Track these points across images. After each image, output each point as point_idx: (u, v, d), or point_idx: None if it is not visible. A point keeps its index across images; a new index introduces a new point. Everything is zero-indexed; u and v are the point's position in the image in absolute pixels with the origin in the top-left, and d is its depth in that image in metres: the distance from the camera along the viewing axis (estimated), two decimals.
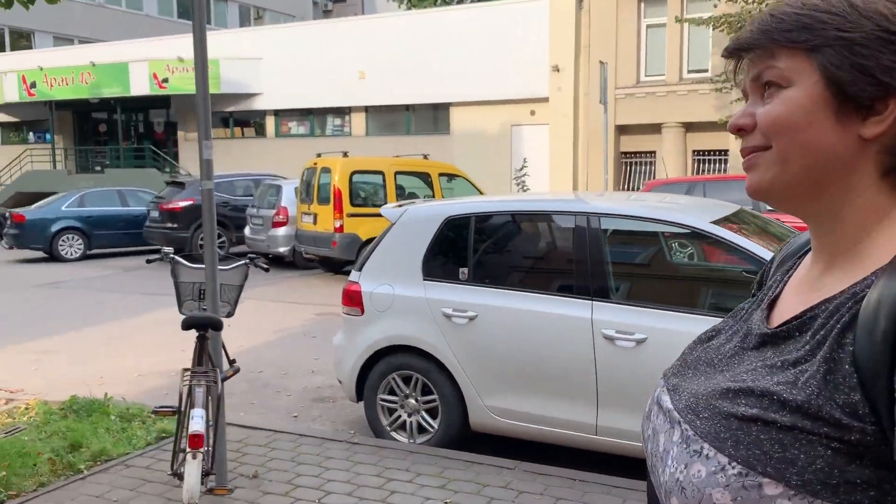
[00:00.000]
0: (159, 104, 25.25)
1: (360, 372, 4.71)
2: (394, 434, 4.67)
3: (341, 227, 11.40)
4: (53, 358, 7.42)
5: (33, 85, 24.86)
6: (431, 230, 4.60)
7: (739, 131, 0.83)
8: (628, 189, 19.21)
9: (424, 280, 4.54)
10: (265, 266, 4.74)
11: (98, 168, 26.36)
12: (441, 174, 12.32)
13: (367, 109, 22.08)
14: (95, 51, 24.83)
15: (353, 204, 11.53)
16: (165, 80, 22.88)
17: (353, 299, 4.79)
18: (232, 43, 23.43)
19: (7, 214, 15.62)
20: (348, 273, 12.31)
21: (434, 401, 4.51)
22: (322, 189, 11.80)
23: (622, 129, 18.49)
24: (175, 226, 14.38)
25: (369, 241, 11.50)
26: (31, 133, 28.65)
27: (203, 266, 4.32)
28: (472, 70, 19.83)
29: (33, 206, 16.04)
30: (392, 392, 4.68)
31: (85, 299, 10.84)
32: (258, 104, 23.27)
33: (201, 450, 2.71)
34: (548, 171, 19.13)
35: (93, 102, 25.04)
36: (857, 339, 0.70)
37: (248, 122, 24.27)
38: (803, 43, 0.77)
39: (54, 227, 15.29)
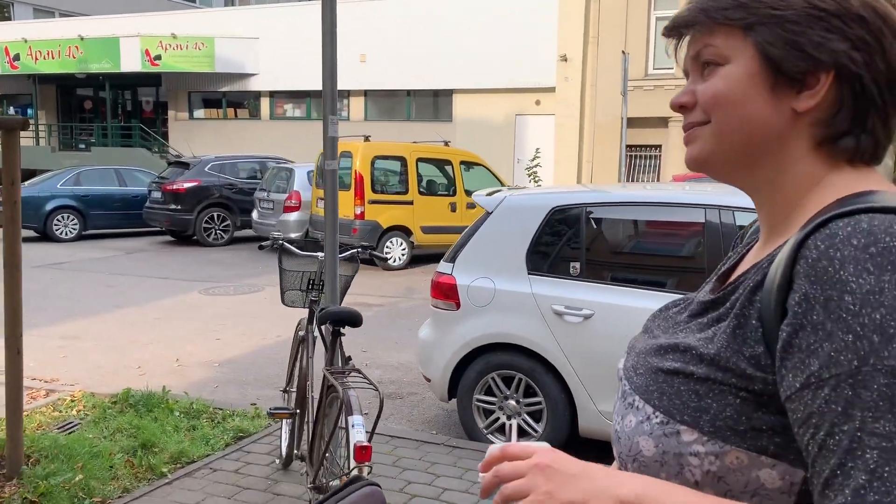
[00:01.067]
0: (148, 82, 24.51)
1: (454, 370, 4.41)
2: (491, 437, 4.38)
3: (362, 213, 11.03)
4: (80, 345, 6.99)
5: (16, 57, 23.95)
6: (536, 221, 4.29)
7: (681, 108, 0.86)
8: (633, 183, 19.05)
9: (530, 274, 4.24)
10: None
11: (83, 146, 25.55)
12: (462, 162, 12.00)
13: (366, 94, 21.62)
14: (84, 24, 23.98)
15: (374, 190, 11.16)
16: (158, 58, 22.18)
17: (446, 293, 4.47)
18: (227, 21, 22.83)
19: None
20: (363, 261, 12.05)
21: (538, 403, 4.23)
22: (342, 174, 11.40)
23: (629, 122, 18.29)
24: (179, 207, 13.86)
25: (391, 228, 11.21)
26: (10, 107, 27.68)
27: (312, 254, 3.98)
28: (477, 57, 19.49)
29: (26, 183, 15.36)
30: (490, 392, 4.38)
31: (93, 282, 10.35)
32: (253, 85, 22.67)
33: (368, 463, 2.40)
34: (552, 163, 18.89)
35: (79, 78, 24.23)
36: (762, 296, 0.75)
37: (241, 103, 23.65)
38: (739, 20, 0.80)
39: (49, 206, 14.67)
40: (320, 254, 3.97)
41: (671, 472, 0.78)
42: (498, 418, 4.38)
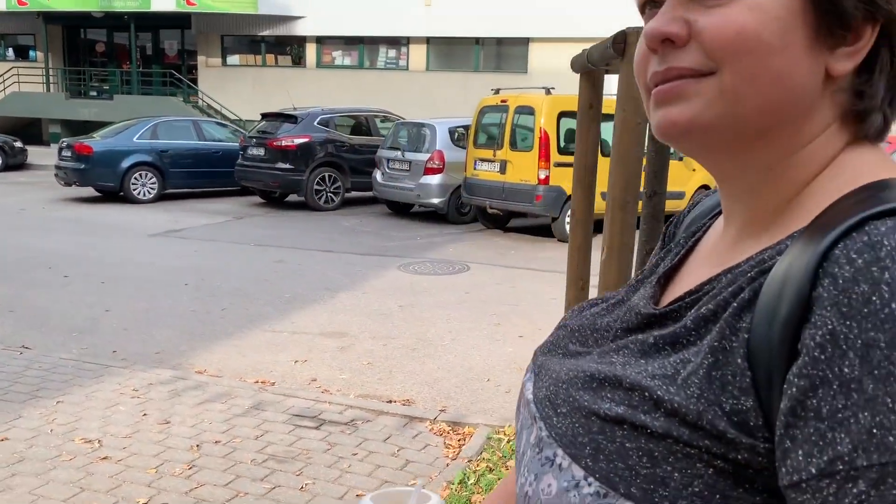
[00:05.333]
0: (174, 24, 22.25)
1: None
2: None
3: (547, 178, 9.67)
4: (364, 346, 5.58)
5: None
6: None
7: (663, 44, 0.57)
8: None
9: None
10: None
11: (95, 93, 23.23)
12: None
13: (428, 41, 19.94)
14: None
15: (558, 151, 9.80)
16: None
17: None
18: None
19: (66, 144, 13.02)
20: (518, 230, 10.75)
21: None
22: (517, 132, 10.01)
23: None
24: (289, 166, 12.24)
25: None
26: (9, 49, 25.00)
27: None
28: (556, 2, 17.99)
29: (95, 135, 13.48)
30: None
31: (255, 257, 8.81)
32: (298, 29, 20.72)
33: None
34: None
35: (96, 17, 21.84)
36: (754, 324, 0.51)
37: (283, 49, 21.65)
38: None
39: (125, 163, 12.86)
40: None
41: None
42: None
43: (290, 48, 21.53)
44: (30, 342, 5.46)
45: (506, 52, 19.55)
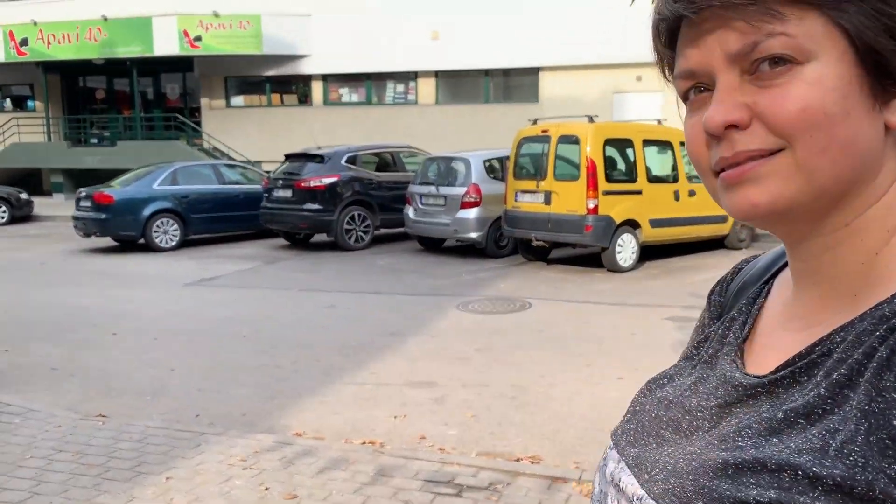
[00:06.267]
0: (176, 67, 22.06)
1: None
2: None
3: (596, 207, 9.42)
4: (460, 396, 5.24)
5: (24, 42, 21.18)
6: None
7: (727, 129, 0.57)
8: None
9: None
10: None
11: (96, 140, 22.92)
12: (682, 143, 10.51)
13: (436, 74, 19.82)
14: (107, 3, 21.28)
15: (607, 179, 9.56)
16: (198, 39, 19.85)
17: None
18: None
19: (85, 194, 12.67)
20: (560, 261, 10.47)
21: None
22: (562, 162, 9.78)
23: None
24: (318, 207, 11.94)
25: (624, 223, 9.67)
26: (6, 99, 24.70)
27: None
28: (567, 29, 17.94)
29: (114, 184, 13.14)
30: None
31: (302, 303, 8.47)
32: (304, 67, 20.55)
33: None
34: None
35: (97, 64, 21.62)
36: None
37: (289, 88, 21.46)
38: None
39: (147, 210, 12.52)
40: None
41: None
42: None
43: (295, 87, 21.35)
44: (104, 409, 5.09)
45: (516, 83, 19.46)
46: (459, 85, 19.92)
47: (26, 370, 6.10)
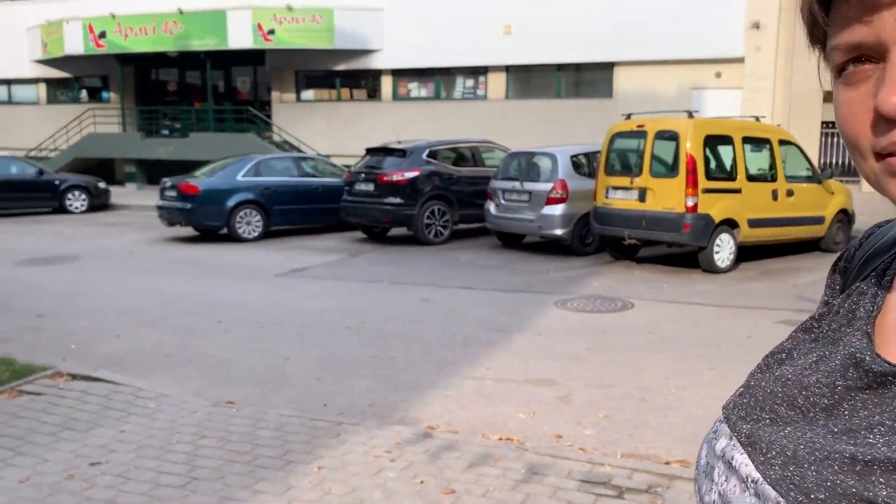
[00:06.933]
0: (247, 61, 22.31)
1: None
2: None
3: (695, 205, 9.18)
4: (587, 396, 5.12)
5: (102, 35, 21.65)
6: None
7: None
8: (829, 165, 17.38)
9: None
10: None
11: (170, 132, 23.38)
12: (779, 141, 10.19)
13: (507, 69, 19.65)
14: None
15: (707, 177, 9.31)
16: (271, 32, 20.03)
17: None
18: None
19: (170, 184, 12.89)
20: (649, 261, 10.24)
21: None
22: (658, 158, 9.56)
23: (828, 96, 16.61)
24: (400, 201, 11.93)
25: (723, 222, 9.41)
26: (82, 91, 25.36)
27: None
28: (643, 24, 17.59)
29: (197, 174, 13.34)
30: None
31: (391, 296, 8.44)
32: (375, 62, 20.58)
33: None
34: None
35: (171, 56, 22.01)
36: None
37: (358, 83, 21.54)
38: None
39: (231, 201, 12.66)
40: None
41: None
42: None
43: (364, 81, 21.40)
44: (229, 396, 5.11)
45: (589, 78, 19.17)
46: (530, 79, 19.72)
47: (142, 356, 6.19)
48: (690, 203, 9.14)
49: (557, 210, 10.78)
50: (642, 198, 9.56)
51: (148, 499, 3.51)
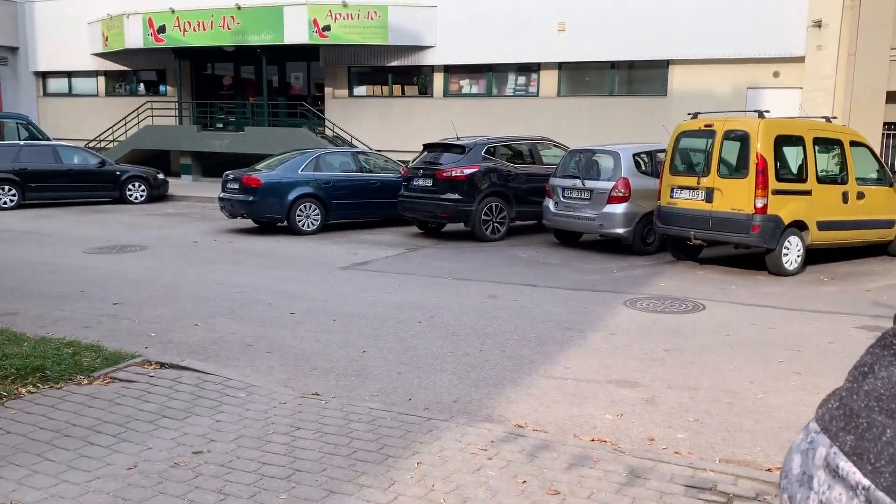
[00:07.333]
0: (301, 56, 22.52)
1: None
2: None
3: (764, 207, 9.02)
4: (673, 398, 5.07)
5: (161, 29, 22.04)
6: None
7: None
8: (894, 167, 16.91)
9: None
10: None
11: (224, 126, 23.72)
12: (850, 142, 9.96)
13: (560, 66, 19.51)
14: None
15: (777, 178, 9.14)
16: (327, 28, 20.18)
17: None
18: None
19: (232, 177, 13.08)
20: (713, 262, 10.08)
21: None
22: (727, 158, 9.41)
23: (890, 97, 16.15)
24: (458, 197, 11.94)
25: (792, 224, 9.24)
26: (140, 84, 25.88)
27: None
28: (700, 22, 17.34)
29: (259, 167, 13.51)
30: None
31: (457, 291, 8.43)
32: (427, 59, 20.60)
33: None
34: None
35: (228, 51, 22.33)
36: None
37: (410, 79, 21.59)
38: None
39: (292, 195, 12.81)
40: None
41: None
42: None
43: (416, 78, 21.44)
44: (315, 387, 5.17)
45: (642, 76, 18.93)
46: (583, 77, 19.55)
47: (222, 346, 6.29)
48: (760, 204, 8.98)
49: (619, 209, 10.68)
50: (709, 198, 9.42)
51: (255, 489, 3.57)
